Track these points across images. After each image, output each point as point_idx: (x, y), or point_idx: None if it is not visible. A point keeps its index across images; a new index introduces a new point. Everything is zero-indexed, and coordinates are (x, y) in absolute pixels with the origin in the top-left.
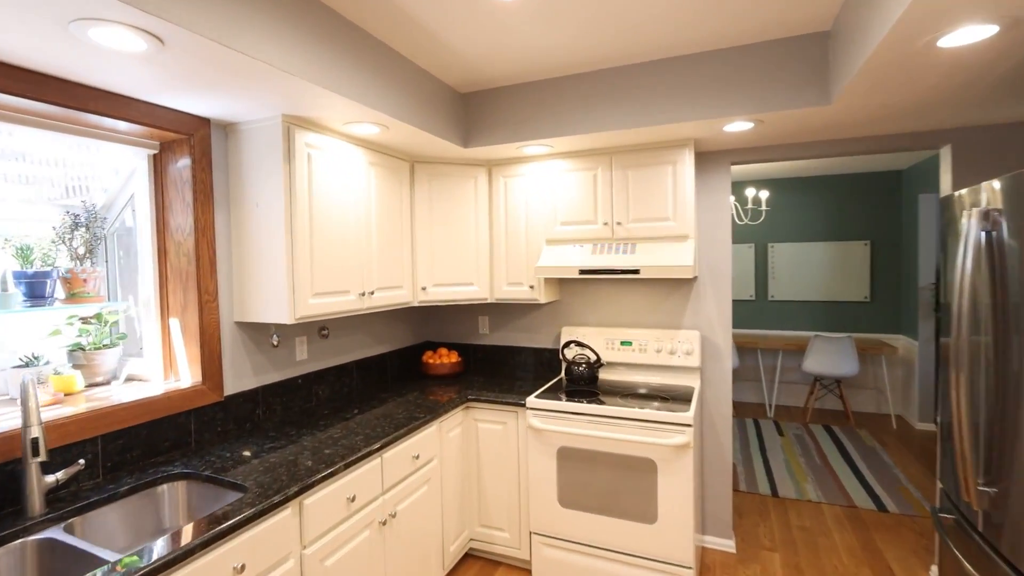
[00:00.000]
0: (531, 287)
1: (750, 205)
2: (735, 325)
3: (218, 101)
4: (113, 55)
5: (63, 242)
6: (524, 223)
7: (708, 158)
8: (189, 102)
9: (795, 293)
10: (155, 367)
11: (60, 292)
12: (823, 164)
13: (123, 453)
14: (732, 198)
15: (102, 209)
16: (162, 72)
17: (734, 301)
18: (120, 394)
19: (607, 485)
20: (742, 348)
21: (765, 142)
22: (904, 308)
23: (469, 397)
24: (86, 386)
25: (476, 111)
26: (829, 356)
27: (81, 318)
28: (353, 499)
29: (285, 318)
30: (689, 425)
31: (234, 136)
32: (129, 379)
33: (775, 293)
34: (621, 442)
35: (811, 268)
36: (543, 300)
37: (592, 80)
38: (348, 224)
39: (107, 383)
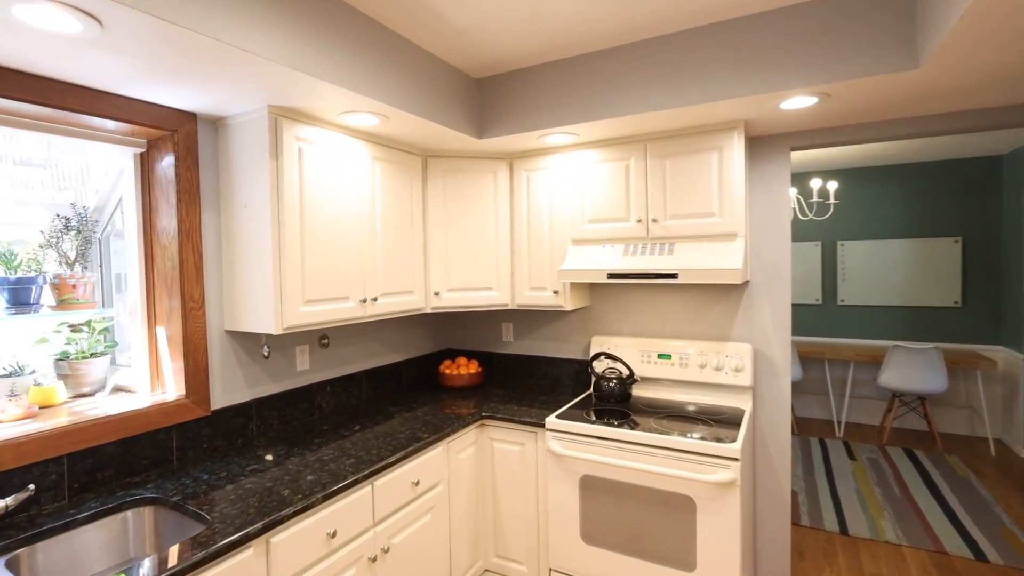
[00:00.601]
0: (555, 292)
1: (815, 198)
2: (798, 332)
3: (194, 92)
4: (53, 39)
5: (51, 246)
6: (548, 221)
7: (762, 143)
8: (164, 94)
9: (869, 297)
10: (142, 378)
11: (51, 298)
12: (903, 149)
13: (93, 473)
14: (794, 191)
15: (94, 212)
16: (118, 59)
17: (797, 306)
18: (103, 407)
19: (637, 522)
20: (806, 358)
21: (832, 122)
22: (1005, 315)
23: (483, 414)
24: (72, 397)
25: (492, 98)
26: (911, 369)
27: (70, 325)
28: (334, 534)
29: (271, 328)
30: (735, 459)
31: (224, 132)
32: (118, 390)
33: (845, 297)
34: (652, 475)
35: (888, 269)
36: (569, 307)
37: (620, 56)
38: (347, 225)
39: (93, 394)
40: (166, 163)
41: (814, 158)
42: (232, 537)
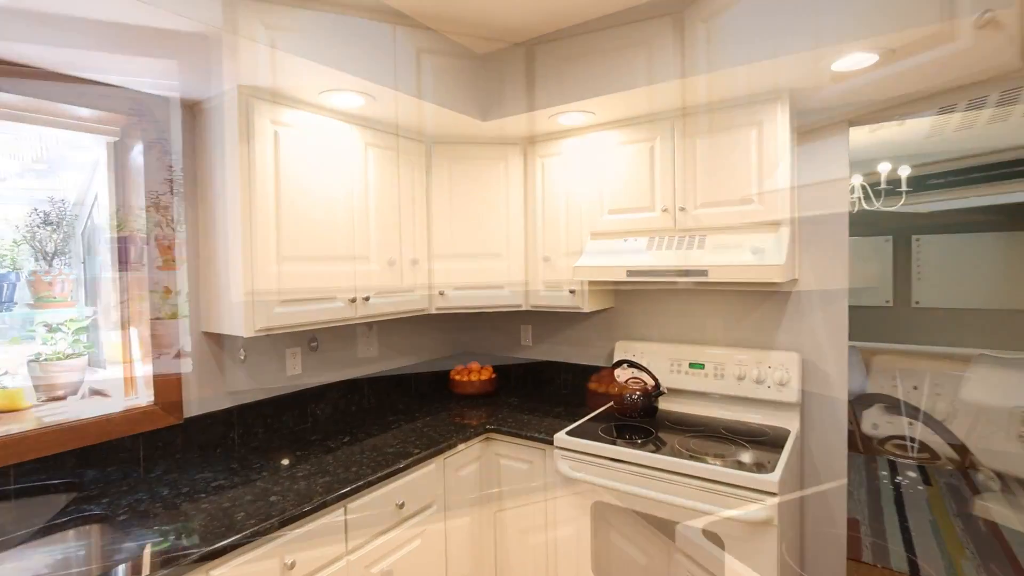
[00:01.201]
0: (572, 292)
1: (884, 185)
2: (865, 337)
3: (152, 72)
4: None
5: (26, 242)
6: (564, 212)
7: (814, 116)
8: (124, 75)
9: (949, 298)
10: (116, 382)
11: (27, 296)
12: (991, 125)
13: (44, 486)
14: (859, 178)
15: (75, 206)
16: (57, 34)
17: (863, 308)
18: (71, 412)
19: (657, 560)
20: (873, 367)
21: (899, 89)
22: None
23: (489, 427)
24: (44, 400)
25: (497, 75)
26: (1001, 381)
27: (47, 325)
28: (292, 565)
29: (241, 330)
30: (772, 493)
31: (200, 117)
32: (95, 393)
33: (921, 298)
34: (670, 507)
35: (973, 266)
36: (587, 308)
37: (636, 18)
38: (335, 217)
39: (65, 398)
40: (137, 151)
41: (883, 139)
42: (161, 572)
